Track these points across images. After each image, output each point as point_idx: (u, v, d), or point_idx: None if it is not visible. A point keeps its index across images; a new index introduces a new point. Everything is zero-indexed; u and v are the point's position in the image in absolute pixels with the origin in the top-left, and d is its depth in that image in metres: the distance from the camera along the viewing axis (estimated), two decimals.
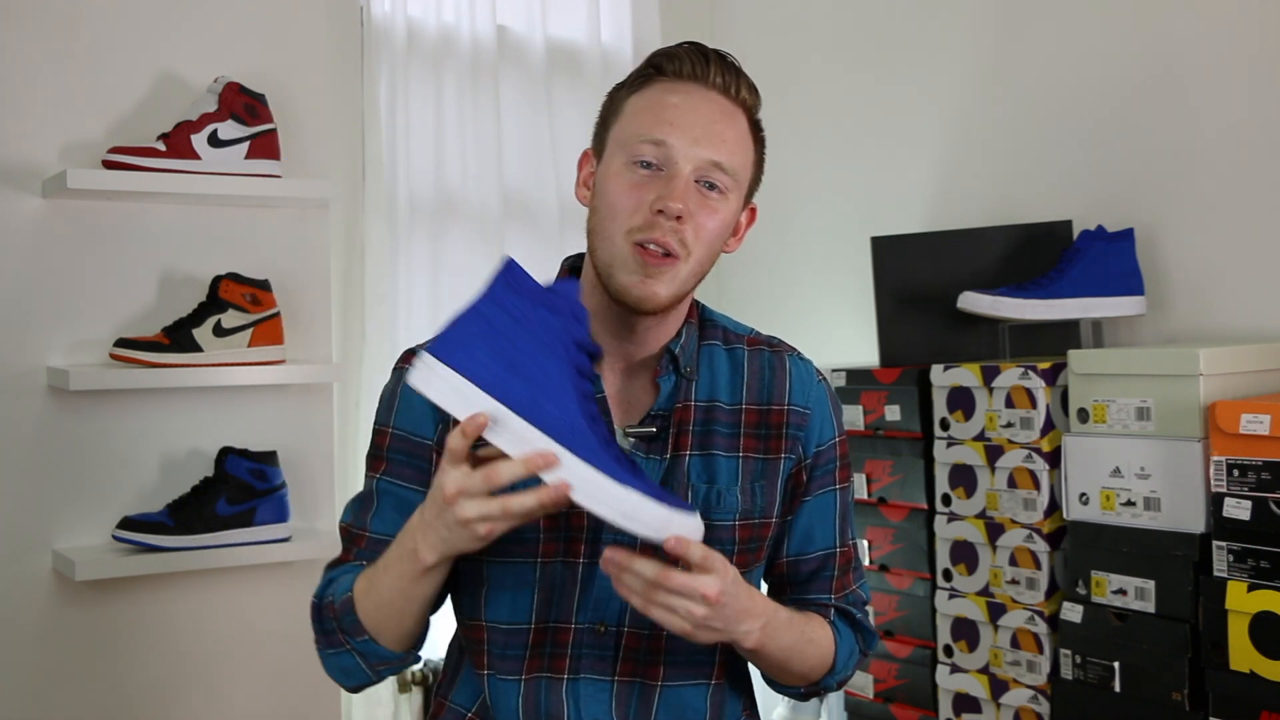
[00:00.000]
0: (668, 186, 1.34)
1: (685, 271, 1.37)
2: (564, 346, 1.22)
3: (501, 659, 1.40)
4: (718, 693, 1.44)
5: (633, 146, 1.36)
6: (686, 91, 1.38)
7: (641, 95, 1.39)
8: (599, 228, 1.38)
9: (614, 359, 1.43)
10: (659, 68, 1.39)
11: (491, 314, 1.22)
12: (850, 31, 3.35)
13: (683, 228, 1.34)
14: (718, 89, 1.40)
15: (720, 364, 1.46)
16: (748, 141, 1.43)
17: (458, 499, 1.21)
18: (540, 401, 1.19)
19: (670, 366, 1.42)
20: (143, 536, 2.25)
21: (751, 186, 1.46)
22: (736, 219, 1.44)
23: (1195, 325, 2.58)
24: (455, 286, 3.17)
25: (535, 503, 1.20)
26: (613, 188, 1.37)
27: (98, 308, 2.35)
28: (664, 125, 1.36)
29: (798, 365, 1.49)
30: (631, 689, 1.40)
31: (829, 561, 1.49)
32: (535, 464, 1.19)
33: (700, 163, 1.36)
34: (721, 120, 1.39)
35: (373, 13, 3.04)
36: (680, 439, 1.41)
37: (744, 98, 1.42)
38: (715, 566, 1.24)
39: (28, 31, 2.30)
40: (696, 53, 1.40)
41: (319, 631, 1.41)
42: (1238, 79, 2.52)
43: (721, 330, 1.49)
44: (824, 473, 1.48)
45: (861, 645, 1.51)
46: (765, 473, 1.44)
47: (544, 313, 1.22)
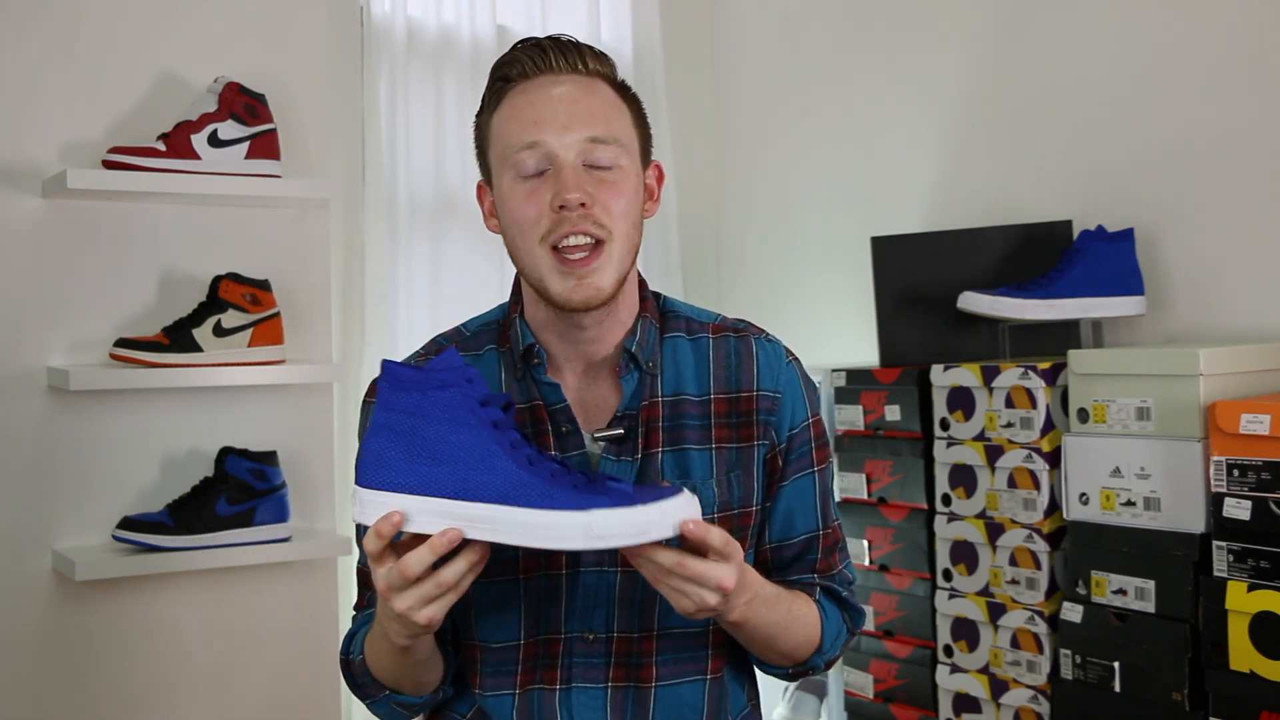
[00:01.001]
0: (559, 180, 1.33)
1: (617, 253, 1.35)
2: (468, 413, 1.19)
3: (495, 675, 1.40)
4: (715, 687, 1.43)
5: (512, 159, 1.35)
6: (539, 86, 1.36)
7: (500, 110, 1.38)
8: (515, 247, 1.37)
9: (572, 363, 1.42)
10: (505, 78, 1.39)
11: (391, 422, 1.20)
12: (850, 31, 3.35)
13: (592, 212, 1.33)
14: (566, 70, 1.37)
15: (684, 355, 1.44)
16: (618, 104, 1.39)
17: (390, 593, 1.21)
18: (468, 477, 1.18)
19: (631, 365, 1.41)
20: (143, 536, 2.25)
21: (643, 146, 1.42)
22: (641, 184, 1.41)
23: (1195, 325, 2.58)
24: (455, 286, 3.18)
25: (465, 565, 1.19)
26: (511, 205, 1.36)
27: (98, 308, 2.35)
28: (529, 127, 1.34)
29: (765, 348, 1.46)
30: (626, 694, 1.39)
31: (812, 545, 1.47)
32: (439, 545, 1.18)
33: (579, 145, 1.34)
34: (583, 97, 1.36)
35: (373, 13, 3.05)
36: (650, 437, 1.40)
37: (595, 68, 1.39)
38: (733, 554, 1.23)
39: (28, 31, 2.30)
40: (532, 47, 1.38)
41: (352, 686, 1.43)
42: (1238, 79, 2.52)
43: (685, 320, 1.47)
44: (799, 455, 1.45)
45: (849, 624, 1.49)
46: (740, 462, 1.42)
47: (435, 394, 1.20)
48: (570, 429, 1.39)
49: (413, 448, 1.19)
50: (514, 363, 1.42)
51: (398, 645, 1.28)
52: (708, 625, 1.42)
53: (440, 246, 3.17)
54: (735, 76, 3.68)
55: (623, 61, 3.46)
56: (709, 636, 1.42)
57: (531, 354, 1.41)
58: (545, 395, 1.40)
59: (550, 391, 1.40)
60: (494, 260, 3.21)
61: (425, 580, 1.20)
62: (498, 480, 1.17)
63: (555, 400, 1.40)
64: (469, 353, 1.45)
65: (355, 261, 3.01)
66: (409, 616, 1.21)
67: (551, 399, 1.40)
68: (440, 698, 1.42)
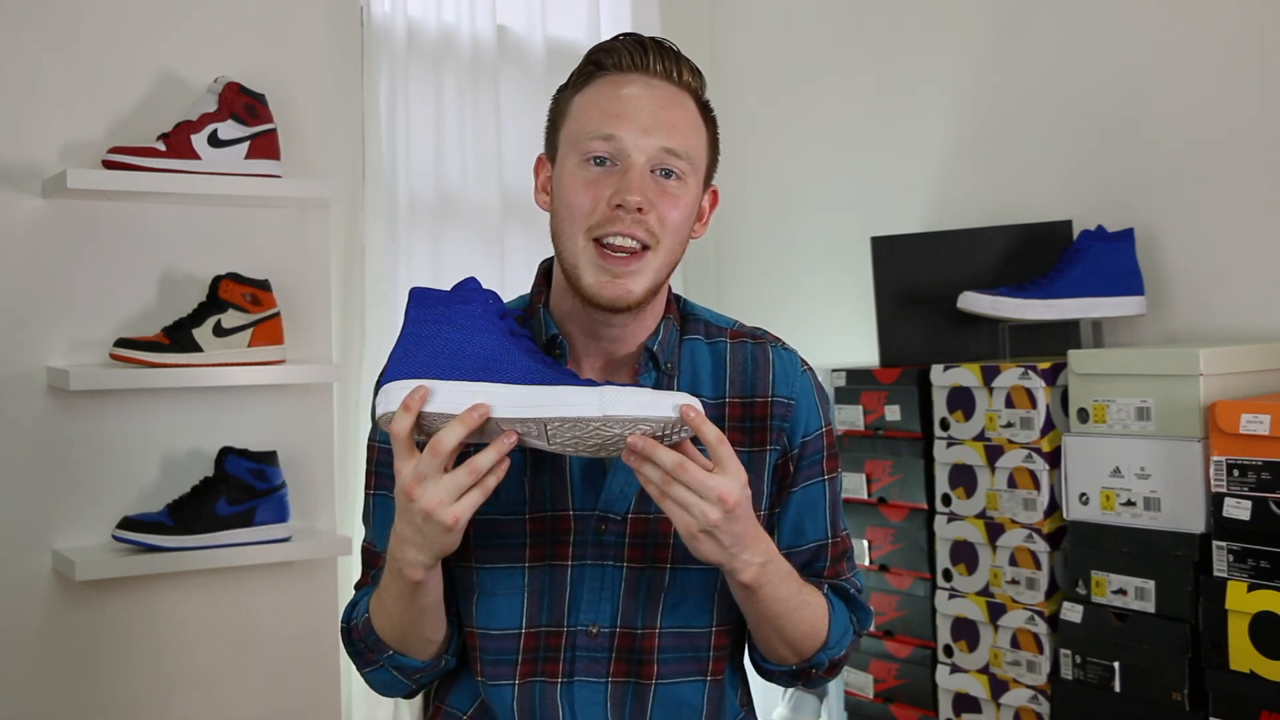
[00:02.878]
0: (624, 180, 1.33)
1: (658, 262, 1.36)
2: (488, 321, 1.26)
3: (495, 664, 1.40)
4: (714, 689, 1.43)
5: (584, 144, 1.35)
6: (630, 82, 1.37)
7: (585, 93, 1.38)
8: (560, 229, 1.37)
9: (592, 359, 1.43)
10: (599, 64, 1.38)
11: (416, 331, 1.26)
12: (850, 32, 3.35)
13: (646, 218, 1.33)
14: (660, 76, 1.38)
15: (702, 359, 1.45)
16: (698, 123, 1.40)
17: (417, 487, 1.21)
18: (490, 365, 1.24)
19: (650, 364, 1.42)
20: (143, 536, 2.25)
21: (709, 169, 1.44)
22: (699, 204, 1.42)
23: (1195, 325, 2.58)
24: None
25: (495, 454, 1.21)
26: (569, 188, 1.36)
27: (98, 308, 2.35)
28: (611, 119, 1.34)
29: (781, 356, 1.47)
30: (626, 689, 1.39)
31: (821, 553, 1.47)
32: (471, 418, 1.19)
33: (653, 151, 1.34)
34: (669, 106, 1.37)
35: (373, 13, 3.04)
36: None
37: (687, 81, 1.40)
38: (733, 469, 1.23)
39: (28, 31, 2.30)
40: (634, 43, 1.39)
41: (352, 654, 1.43)
42: (1238, 79, 2.52)
43: (704, 324, 1.48)
44: (811, 463, 1.46)
45: (855, 624, 1.47)
46: (752, 466, 1.42)
47: (459, 307, 1.26)
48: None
49: (437, 348, 1.25)
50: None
51: (412, 580, 1.28)
52: (710, 625, 1.42)
53: (440, 246, 3.17)
54: (735, 76, 3.68)
55: None
56: (712, 637, 1.43)
57: (554, 345, 1.41)
58: None
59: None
60: (494, 260, 3.21)
61: (457, 470, 1.21)
62: (516, 369, 1.23)
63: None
64: None
65: (355, 261, 3.01)
66: (436, 514, 1.21)
67: None
68: (442, 666, 1.42)
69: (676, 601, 1.40)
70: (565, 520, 1.38)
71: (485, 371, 1.23)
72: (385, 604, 1.35)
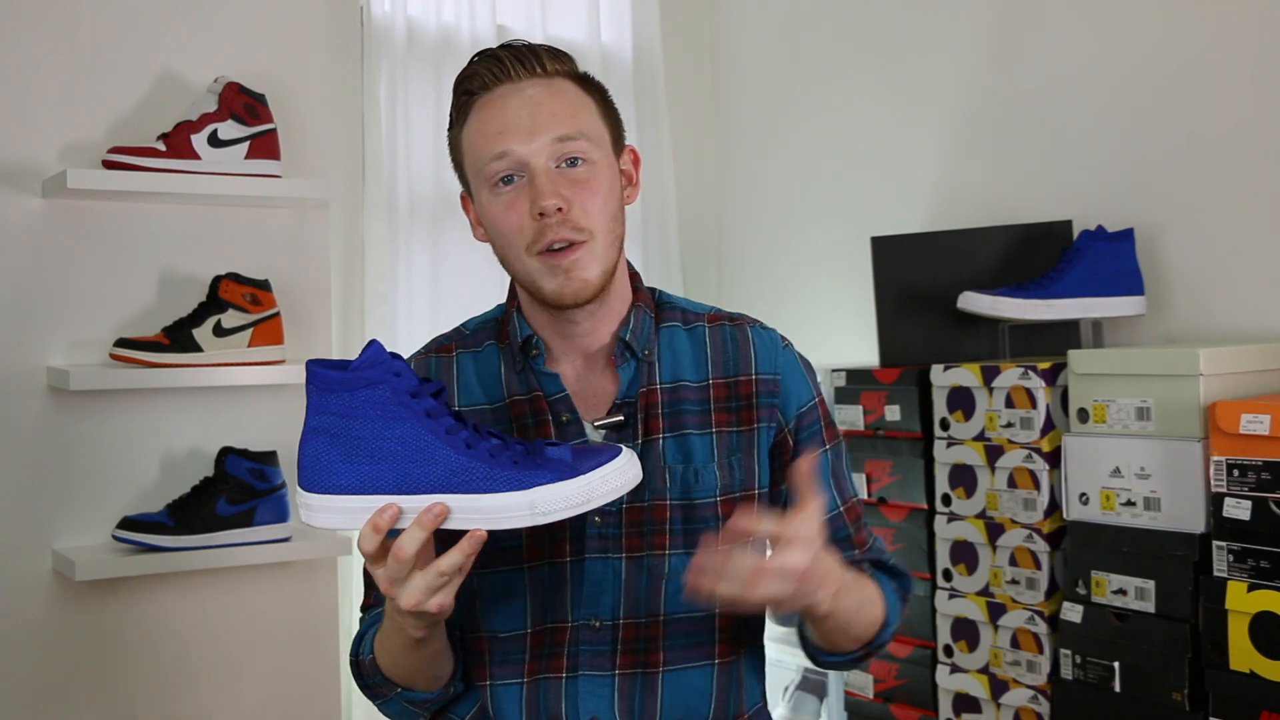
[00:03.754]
0: (533, 188, 1.35)
1: (600, 247, 1.37)
2: (399, 406, 1.19)
3: (503, 666, 1.41)
4: (723, 673, 1.44)
5: (485, 171, 1.38)
6: (501, 96, 1.38)
7: (469, 124, 1.40)
8: (504, 256, 1.41)
9: (570, 356, 1.45)
10: (469, 91, 1.40)
11: (324, 424, 1.20)
12: (850, 31, 3.35)
13: (569, 217, 1.35)
14: (525, 76, 1.39)
15: (681, 343, 1.46)
16: (580, 99, 1.41)
17: (392, 589, 1.22)
18: (408, 470, 1.19)
19: (626, 354, 1.43)
20: (143, 536, 2.25)
21: (615, 134, 1.44)
22: (616, 174, 1.43)
23: (1195, 325, 2.58)
24: (455, 286, 3.17)
25: (461, 556, 1.20)
26: (493, 217, 1.39)
27: (98, 308, 2.35)
28: (496, 137, 1.36)
29: (760, 335, 1.48)
30: (633, 680, 1.40)
31: (839, 522, 1.49)
32: (426, 521, 1.18)
33: (548, 148, 1.36)
34: (544, 100, 1.37)
35: (373, 13, 3.04)
36: (650, 423, 1.41)
37: (553, 69, 1.40)
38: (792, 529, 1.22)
39: (28, 31, 2.30)
40: (489, 58, 1.40)
41: (362, 687, 1.44)
42: (1238, 79, 2.52)
43: (680, 311, 1.49)
44: (810, 435, 1.47)
45: (901, 593, 1.49)
46: (741, 445, 1.43)
47: (363, 392, 1.20)
48: (570, 418, 1.41)
49: (349, 448, 1.20)
50: (513, 356, 1.45)
51: (413, 638, 1.29)
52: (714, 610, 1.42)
53: (440, 246, 3.17)
54: (735, 76, 3.68)
55: (623, 61, 3.46)
56: (716, 621, 1.43)
57: (530, 345, 1.43)
58: (544, 386, 1.42)
59: (549, 382, 1.42)
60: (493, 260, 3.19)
61: (427, 569, 1.20)
62: (438, 469, 1.19)
63: (554, 390, 1.42)
64: (469, 349, 1.48)
65: (355, 261, 3.00)
66: (420, 608, 1.21)
67: (550, 389, 1.42)
68: (451, 692, 1.43)
69: (679, 587, 1.40)
70: None
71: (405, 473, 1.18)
72: (389, 650, 1.36)
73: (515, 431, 1.42)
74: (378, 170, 3.02)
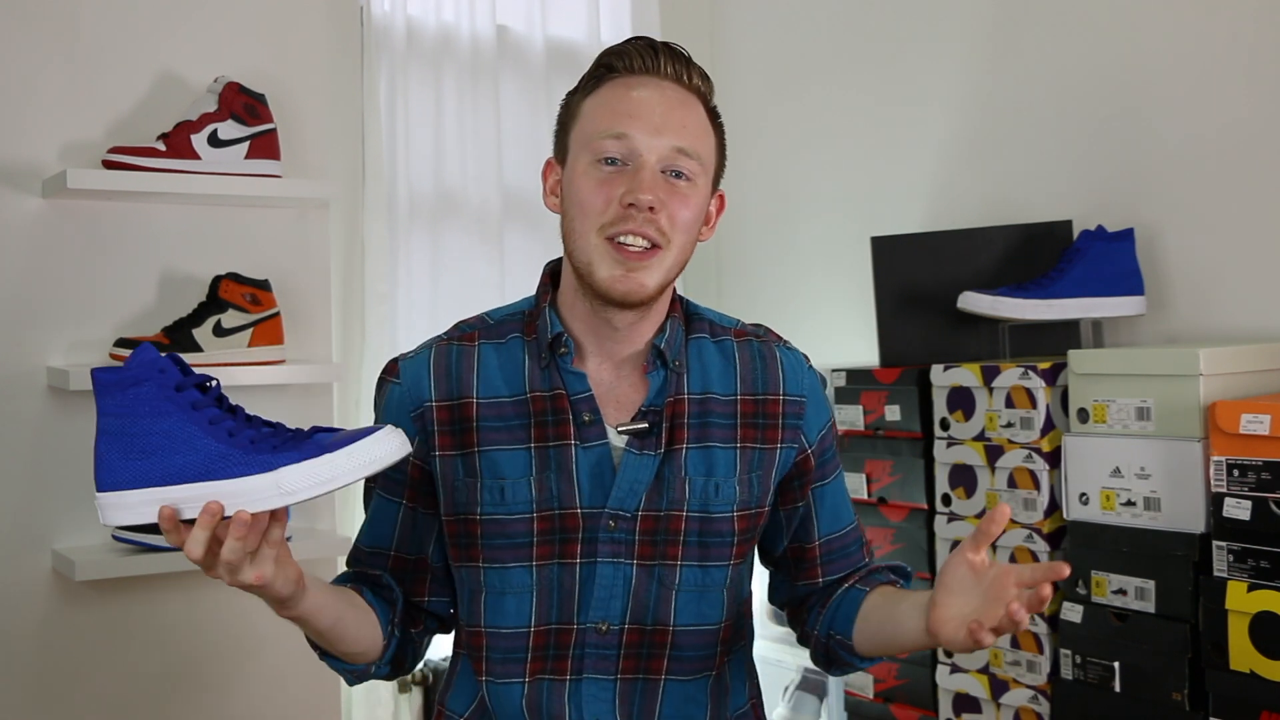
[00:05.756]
0: (635, 179, 1.34)
1: (669, 260, 1.37)
2: (164, 401, 1.24)
3: (503, 663, 1.40)
4: (718, 683, 1.45)
5: (595, 144, 1.36)
6: (641, 84, 1.38)
7: (597, 95, 1.40)
8: (572, 229, 1.38)
9: (599, 357, 1.43)
10: (610, 66, 1.40)
11: (105, 425, 1.26)
12: (850, 31, 3.35)
13: (657, 217, 1.35)
14: (671, 78, 1.39)
15: (710, 356, 1.46)
16: (707, 127, 1.43)
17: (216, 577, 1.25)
18: (172, 461, 1.22)
19: (658, 361, 1.43)
20: (143, 536, 2.25)
21: (717, 173, 1.46)
22: (707, 205, 1.44)
23: (1195, 325, 2.58)
24: (455, 286, 3.17)
25: (236, 541, 1.20)
26: (580, 187, 1.37)
27: (98, 308, 2.35)
28: (623, 119, 1.36)
29: (788, 355, 1.50)
30: (634, 686, 1.40)
31: (854, 535, 1.55)
32: (206, 520, 1.20)
33: (664, 151, 1.36)
34: (679, 108, 1.38)
35: (373, 13, 3.04)
36: (675, 432, 1.41)
37: (697, 85, 1.42)
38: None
39: (28, 31, 2.30)
40: (645, 46, 1.40)
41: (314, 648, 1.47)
42: (1238, 79, 2.52)
43: (708, 323, 1.50)
44: (831, 455, 1.52)
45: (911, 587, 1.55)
46: (762, 463, 1.44)
47: (133, 391, 1.25)
48: (592, 419, 1.40)
49: (125, 445, 1.25)
50: (539, 351, 1.42)
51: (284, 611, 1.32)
52: (721, 620, 1.43)
53: (440, 246, 3.17)
54: (735, 76, 3.68)
55: None
56: (720, 632, 1.43)
57: (559, 343, 1.41)
58: (569, 384, 1.41)
59: (575, 380, 1.41)
60: (494, 260, 3.21)
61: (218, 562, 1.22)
62: (198, 458, 1.23)
63: (579, 389, 1.40)
64: (492, 340, 1.46)
65: (355, 261, 3.01)
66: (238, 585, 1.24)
67: (575, 388, 1.41)
68: (373, 673, 1.44)
69: (691, 597, 1.41)
70: (573, 518, 1.38)
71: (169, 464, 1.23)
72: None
73: (534, 428, 1.40)
74: (378, 170, 3.02)
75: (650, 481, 1.38)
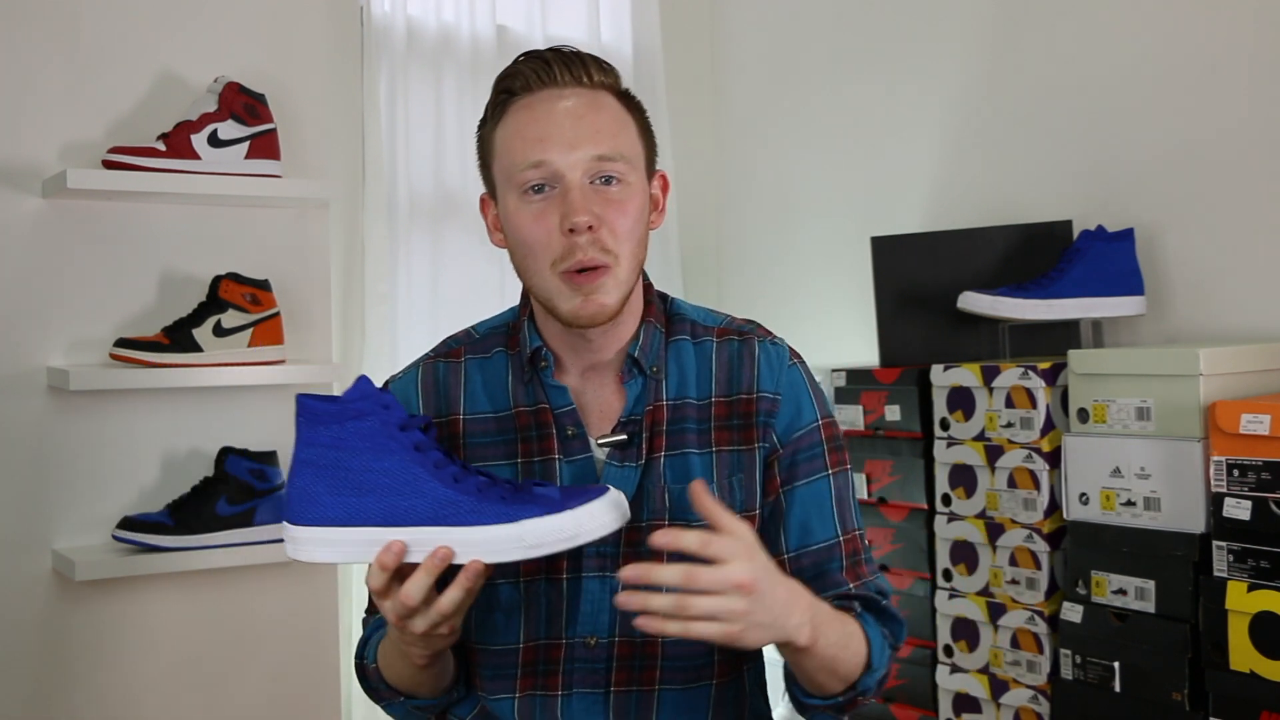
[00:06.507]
0: (566, 202, 1.32)
1: (623, 273, 1.34)
2: (388, 439, 1.20)
3: (494, 679, 1.40)
4: (721, 692, 1.42)
5: (517, 177, 1.34)
6: (543, 101, 1.35)
7: (504, 124, 1.37)
8: (524, 266, 1.37)
9: (577, 368, 1.42)
10: (509, 90, 1.37)
11: (313, 457, 1.21)
12: (850, 31, 3.35)
13: (599, 236, 1.32)
14: (570, 84, 1.35)
15: (688, 359, 1.43)
16: (623, 118, 1.38)
17: (401, 623, 1.22)
18: (396, 503, 1.19)
19: (634, 370, 1.40)
20: (143, 536, 2.25)
21: (649, 157, 1.41)
22: (647, 197, 1.40)
23: (1195, 325, 2.58)
24: (455, 286, 3.18)
25: (461, 592, 1.20)
26: (518, 225, 1.35)
27: (98, 308, 2.35)
28: (534, 145, 1.33)
29: (768, 350, 1.43)
30: (629, 699, 1.38)
31: (834, 552, 1.41)
32: (432, 566, 1.18)
33: (586, 164, 1.33)
34: (588, 113, 1.34)
35: (373, 13, 3.05)
36: (654, 441, 1.39)
37: (599, 80, 1.37)
38: (729, 552, 1.15)
39: (28, 31, 2.30)
40: (535, 60, 1.37)
41: (367, 689, 1.44)
42: (1237, 79, 2.52)
43: (690, 324, 1.46)
44: (809, 458, 1.41)
45: (891, 639, 1.39)
46: (742, 465, 1.40)
47: (353, 424, 1.20)
48: (576, 432, 1.39)
49: (337, 480, 1.20)
50: (522, 365, 1.42)
51: (417, 664, 1.30)
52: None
53: (440, 246, 3.17)
54: (735, 77, 3.68)
55: (623, 62, 3.46)
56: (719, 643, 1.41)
57: (539, 357, 1.41)
58: (552, 398, 1.40)
59: (557, 394, 1.40)
60: (494, 260, 3.21)
61: (429, 610, 1.20)
62: (424, 502, 1.19)
63: (562, 403, 1.40)
64: (478, 355, 1.45)
65: (355, 261, 3.01)
66: (431, 635, 1.22)
67: (558, 402, 1.40)
68: (455, 696, 1.43)
69: None
70: None
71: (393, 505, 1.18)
72: (394, 666, 1.36)
73: (519, 443, 1.39)
74: (378, 170, 3.02)
75: (633, 493, 1.37)
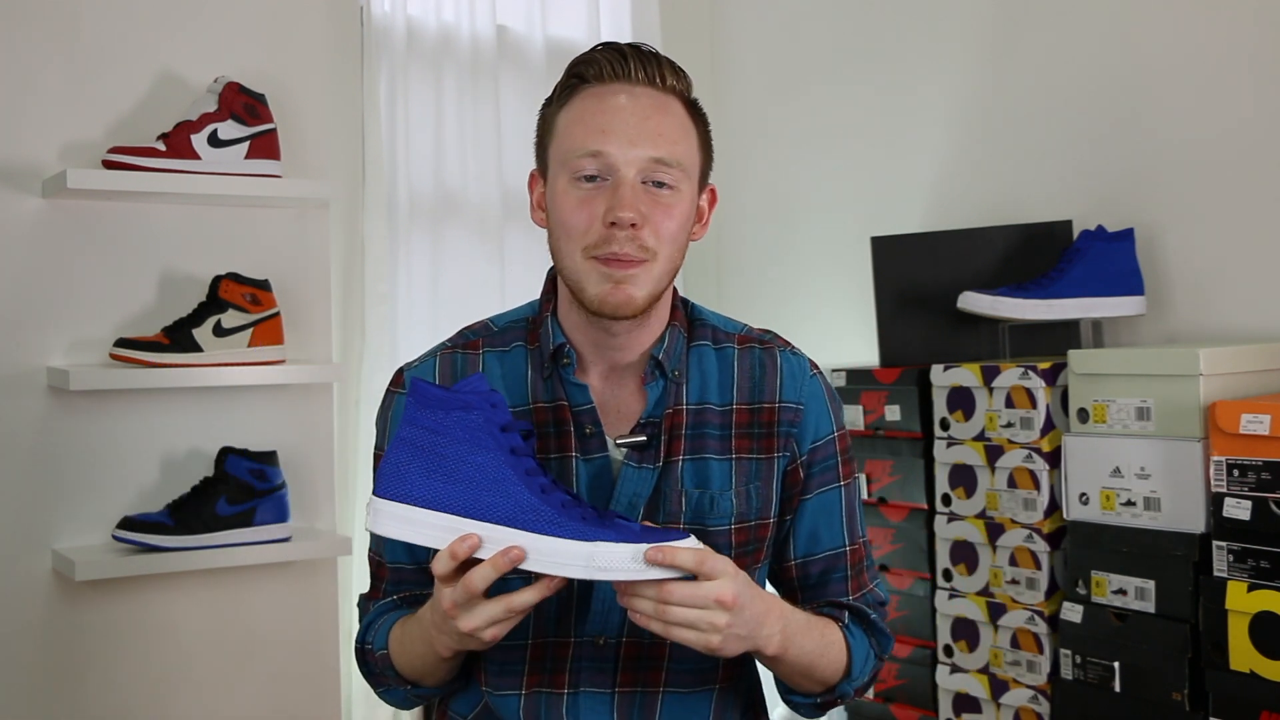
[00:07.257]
0: (615, 196, 1.31)
1: (657, 271, 1.34)
2: (488, 436, 1.22)
3: (500, 675, 1.40)
4: (722, 697, 1.43)
5: (572, 162, 1.34)
6: (612, 93, 1.34)
7: (569, 108, 1.36)
8: (558, 248, 1.36)
9: (598, 367, 1.42)
10: (580, 76, 1.36)
11: (413, 437, 1.23)
12: (850, 31, 3.35)
13: (640, 234, 1.32)
14: (643, 83, 1.35)
15: (710, 365, 1.43)
16: (687, 126, 1.38)
17: (455, 611, 1.22)
18: (480, 497, 1.21)
19: (656, 372, 1.40)
20: (143, 536, 2.25)
21: (704, 170, 1.42)
22: (695, 207, 1.40)
23: (1195, 325, 2.58)
24: (455, 286, 3.18)
25: (535, 596, 1.22)
26: (562, 207, 1.34)
27: (98, 308, 2.35)
28: (596, 134, 1.33)
29: (789, 360, 1.45)
30: (633, 699, 1.38)
31: (839, 561, 1.45)
32: (501, 563, 1.19)
33: (642, 163, 1.32)
34: (654, 114, 1.34)
35: (373, 13, 3.05)
36: (673, 445, 1.39)
37: (671, 84, 1.37)
38: (720, 570, 1.21)
39: (28, 31, 2.30)
40: (613, 52, 1.36)
41: (366, 674, 1.44)
42: (1238, 79, 2.52)
43: (711, 329, 1.46)
44: (824, 469, 1.44)
45: (876, 650, 1.45)
46: (760, 473, 1.41)
47: (458, 414, 1.22)
48: (594, 431, 1.38)
49: (431, 464, 1.22)
50: (542, 361, 1.41)
51: (441, 659, 1.30)
52: None
53: (440, 246, 3.17)
54: (735, 76, 3.68)
55: None
56: None
57: (561, 354, 1.40)
58: (571, 396, 1.39)
59: (577, 392, 1.39)
60: (494, 260, 3.21)
61: (496, 602, 1.21)
62: (508, 504, 1.21)
63: (581, 401, 1.39)
64: (496, 348, 1.44)
65: (355, 261, 3.01)
66: (475, 635, 1.23)
67: (578, 400, 1.39)
68: (454, 687, 1.44)
69: None
70: None
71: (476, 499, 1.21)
72: (410, 654, 1.36)
73: (536, 439, 1.39)
74: (378, 170, 3.02)
75: (649, 495, 1.37)
